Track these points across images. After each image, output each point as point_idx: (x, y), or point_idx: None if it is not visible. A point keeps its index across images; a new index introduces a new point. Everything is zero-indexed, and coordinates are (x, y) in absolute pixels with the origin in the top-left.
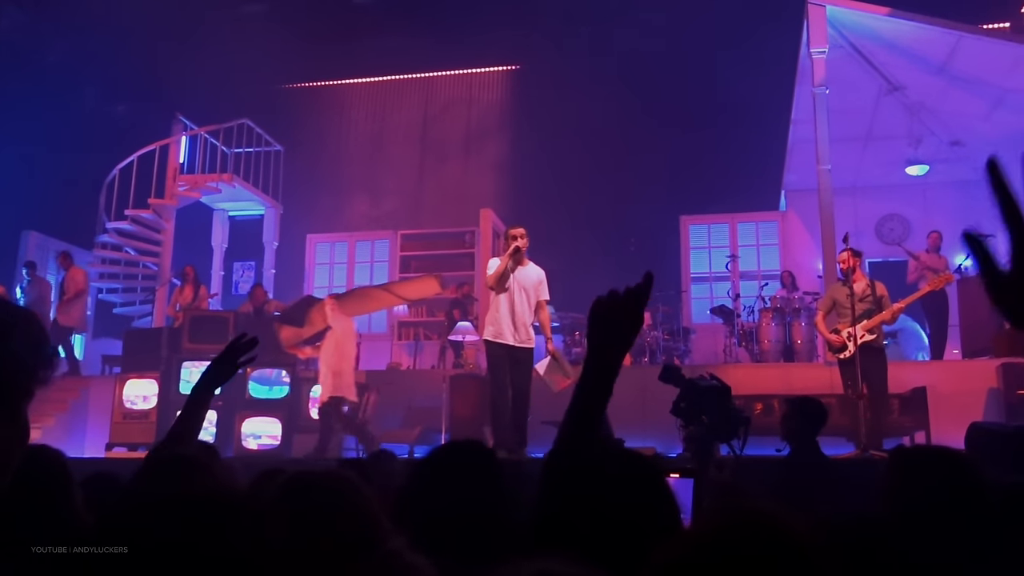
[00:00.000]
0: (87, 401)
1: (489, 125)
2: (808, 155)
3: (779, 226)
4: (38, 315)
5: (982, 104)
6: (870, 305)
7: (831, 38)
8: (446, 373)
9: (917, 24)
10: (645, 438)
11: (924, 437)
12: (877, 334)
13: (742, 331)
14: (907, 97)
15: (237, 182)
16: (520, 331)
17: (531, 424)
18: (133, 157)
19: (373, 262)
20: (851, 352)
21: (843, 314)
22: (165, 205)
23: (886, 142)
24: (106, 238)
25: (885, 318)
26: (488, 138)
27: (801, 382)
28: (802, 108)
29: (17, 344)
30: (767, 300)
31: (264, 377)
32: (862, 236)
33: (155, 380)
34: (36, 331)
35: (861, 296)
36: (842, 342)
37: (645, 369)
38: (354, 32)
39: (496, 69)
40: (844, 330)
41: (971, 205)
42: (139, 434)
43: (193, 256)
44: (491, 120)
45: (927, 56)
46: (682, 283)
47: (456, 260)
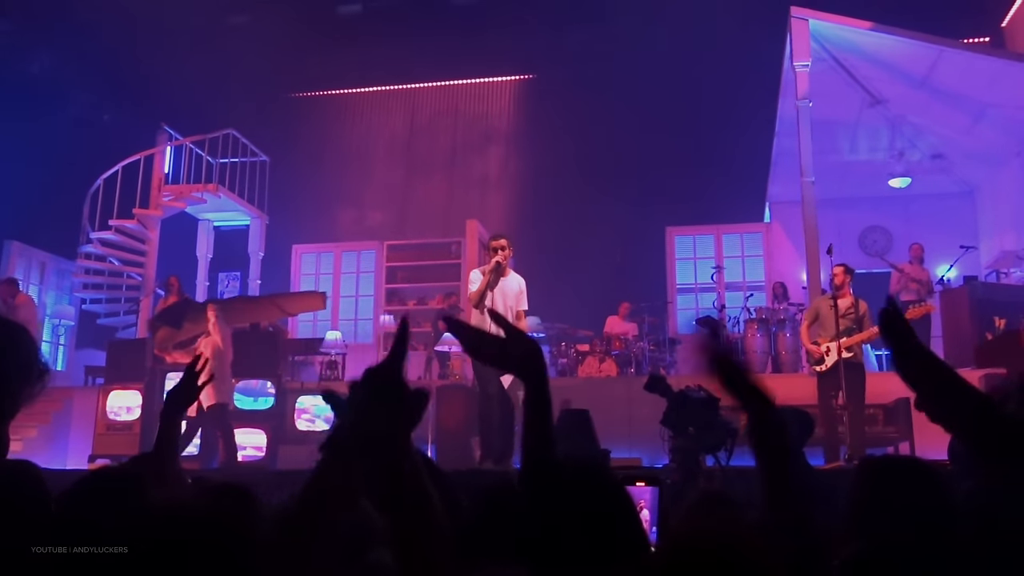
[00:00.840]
0: (70, 412)
1: (474, 137)
2: (792, 167)
3: (764, 237)
4: (28, 330)
5: (963, 118)
6: (851, 323)
7: (814, 51)
8: (432, 384)
9: (899, 38)
10: (631, 449)
11: (908, 448)
12: (855, 351)
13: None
14: (889, 110)
15: (222, 192)
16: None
17: (517, 434)
18: (118, 167)
19: (359, 273)
20: (827, 367)
21: (825, 327)
22: (150, 215)
23: (869, 155)
24: (90, 248)
25: (864, 338)
26: (473, 150)
27: (786, 393)
28: (786, 121)
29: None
30: (752, 311)
31: (249, 388)
32: (845, 248)
33: (139, 391)
34: (25, 348)
35: (844, 312)
36: (820, 354)
37: (631, 380)
38: (340, 43)
39: (481, 81)
40: (823, 344)
41: (952, 217)
42: (122, 445)
43: (178, 266)
44: (476, 132)
45: (909, 70)
46: (668, 294)
47: (442, 271)
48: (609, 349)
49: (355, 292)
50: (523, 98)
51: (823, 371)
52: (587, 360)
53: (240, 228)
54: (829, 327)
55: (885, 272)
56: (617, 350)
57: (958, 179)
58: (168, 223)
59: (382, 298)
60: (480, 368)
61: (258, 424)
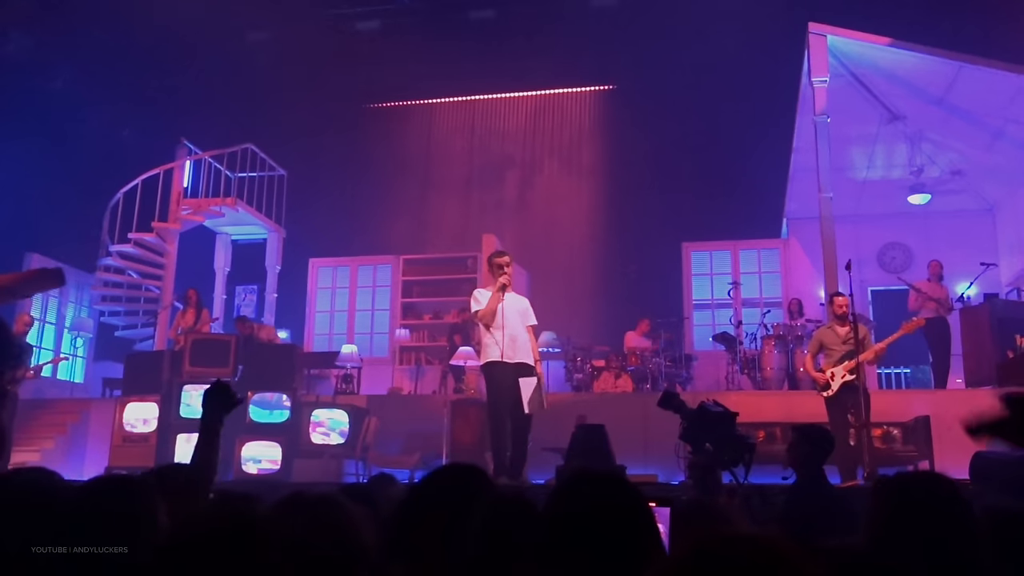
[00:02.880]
0: (87, 424)
1: (491, 153)
2: (810, 183)
3: (781, 253)
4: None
5: (983, 134)
6: (851, 347)
7: (832, 67)
8: (447, 398)
9: (918, 54)
10: (647, 465)
11: (928, 466)
12: (857, 373)
13: (744, 358)
14: (908, 126)
15: (240, 206)
16: (521, 351)
17: (532, 451)
18: (137, 181)
19: (375, 287)
20: (833, 392)
21: (830, 355)
22: (168, 228)
23: (887, 171)
24: (109, 261)
25: (867, 358)
26: (489, 166)
27: (803, 410)
28: (803, 136)
29: None
30: (769, 327)
31: (264, 401)
32: (864, 264)
33: (156, 403)
34: None
35: (844, 339)
36: (826, 380)
37: (647, 396)
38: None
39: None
40: (828, 370)
41: (972, 234)
42: (139, 457)
43: (196, 280)
44: (493, 148)
45: (927, 86)
46: (684, 310)
47: (458, 285)
48: (625, 365)
49: (371, 306)
50: (540, 115)
51: (830, 396)
52: (603, 375)
53: (258, 242)
54: (833, 354)
55: (904, 290)
56: (633, 366)
57: (978, 196)
58: (186, 236)
59: (398, 312)
60: (492, 380)
61: (273, 437)
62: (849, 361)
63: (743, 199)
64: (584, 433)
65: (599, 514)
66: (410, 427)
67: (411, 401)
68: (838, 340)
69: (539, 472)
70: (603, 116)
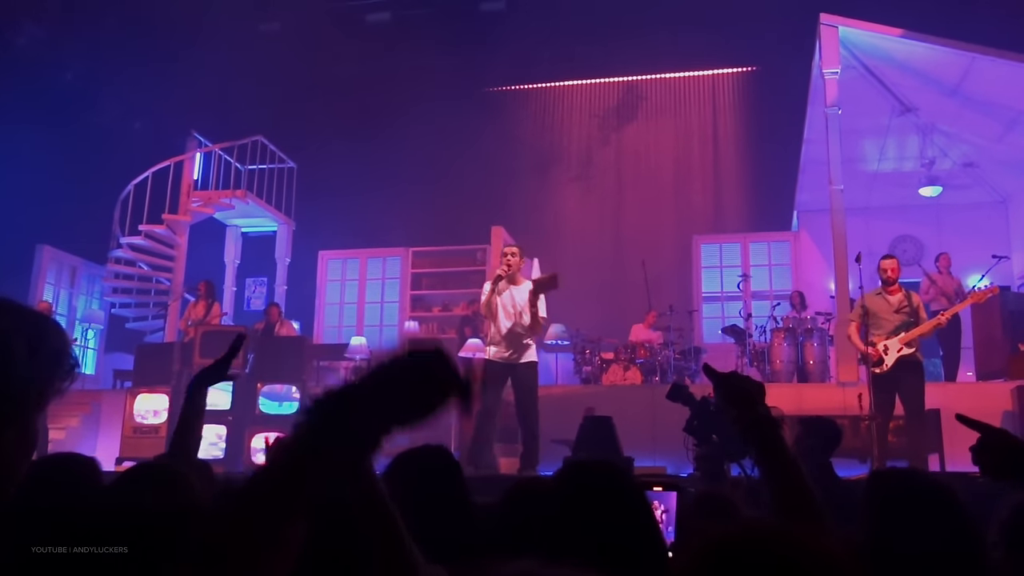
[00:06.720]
0: (98, 415)
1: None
2: (820, 175)
3: (791, 246)
4: (56, 321)
5: (996, 125)
6: (907, 317)
7: (843, 59)
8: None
9: (930, 45)
10: (655, 458)
11: (938, 460)
12: (915, 347)
13: (754, 351)
14: (920, 118)
15: (250, 198)
16: (516, 348)
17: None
18: (148, 173)
19: (384, 279)
20: (887, 367)
21: (878, 325)
22: (179, 221)
23: (899, 163)
24: (120, 253)
25: (925, 330)
26: (498, 156)
27: (813, 402)
28: (814, 128)
29: (27, 355)
30: (779, 320)
31: (274, 393)
32: (875, 257)
33: (166, 395)
34: (52, 340)
35: (898, 307)
36: (879, 355)
37: (655, 388)
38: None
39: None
40: (880, 343)
41: (984, 227)
42: (149, 448)
43: (206, 272)
44: (501, 138)
45: (940, 77)
46: (693, 302)
47: (467, 277)
48: (634, 357)
49: (380, 298)
50: (550, 106)
51: (881, 372)
52: (611, 368)
53: (267, 234)
54: (884, 324)
55: (914, 281)
56: (642, 358)
57: (990, 188)
58: (197, 229)
59: (407, 304)
60: (486, 375)
61: (283, 428)
62: (906, 333)
63: (753, 191)
64: (591, 425)
65: (587, 497)
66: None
67: None
68: (889, 309)
69: (548, 464)
70: (609, 112)
